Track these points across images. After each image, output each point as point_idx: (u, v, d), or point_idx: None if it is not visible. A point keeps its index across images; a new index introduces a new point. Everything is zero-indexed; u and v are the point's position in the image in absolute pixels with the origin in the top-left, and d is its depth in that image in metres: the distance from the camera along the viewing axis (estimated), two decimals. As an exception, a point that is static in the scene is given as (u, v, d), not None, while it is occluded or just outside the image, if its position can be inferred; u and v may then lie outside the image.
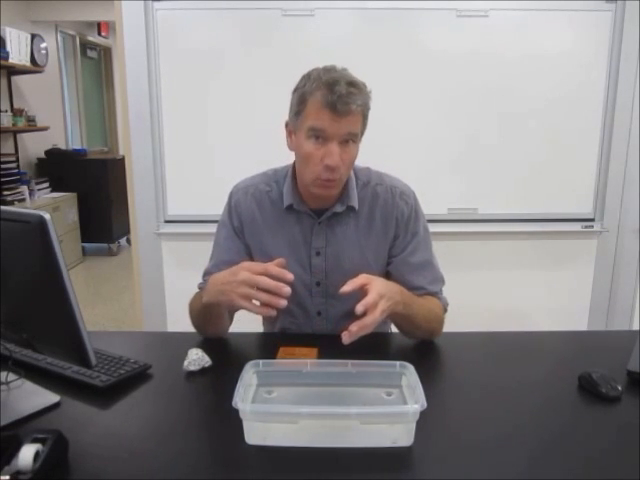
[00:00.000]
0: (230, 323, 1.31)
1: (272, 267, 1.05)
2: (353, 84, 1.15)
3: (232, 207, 1.33)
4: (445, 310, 1.33)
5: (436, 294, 1.32)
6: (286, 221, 1.30)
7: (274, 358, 1.11)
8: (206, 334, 1.29)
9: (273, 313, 1.04)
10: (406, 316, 1.19)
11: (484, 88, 2.32)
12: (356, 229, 1.30)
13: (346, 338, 1.02)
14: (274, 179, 1.33)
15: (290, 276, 1.04)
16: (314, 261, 1.30)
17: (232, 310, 1.27)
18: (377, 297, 1.05)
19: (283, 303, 1.02)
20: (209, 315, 1.22)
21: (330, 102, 1.12)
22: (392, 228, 1.30)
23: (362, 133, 1.22)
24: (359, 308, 1.02)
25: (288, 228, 1.30)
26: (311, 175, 1.19)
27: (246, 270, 1.06)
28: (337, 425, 0.87)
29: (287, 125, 1.25)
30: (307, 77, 1.18)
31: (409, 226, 1.30)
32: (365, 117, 1.20)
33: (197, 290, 1.34)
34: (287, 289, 1.01)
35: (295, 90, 1.20)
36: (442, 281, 1.34)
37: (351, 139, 1.17)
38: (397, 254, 1.31)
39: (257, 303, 1.07)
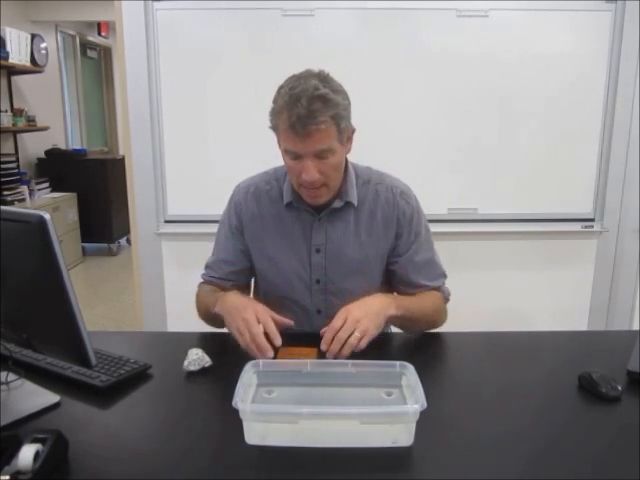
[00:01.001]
0: None
1: (271, 326, 1.10)
2: (316, 98, 1.10)
3: (232, 207, 1.35)
4: (447, 299, 1.37)
5: (438, 288, 1.36)
6: (286, 218, 1.31)
7: (274, 358, 1.11)
8: (211, 326, 1.33)
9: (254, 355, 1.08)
10: (405, 317, 1.22)
11: (484, 88, 2.32)
12: (356, 226, 1.30)
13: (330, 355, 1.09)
14: (274, 177, 1.35)
15: (278, 342, 1.09)
16: (314, 258, 1.30)
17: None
18: (349, 323, 1.10)
19: (256, 359, 1.03)
20: (214, 318, 1.27)
21: (291, 125, 1.11)
22: (393, 227, 1.31)
23: (342, 138, 1.18)
24: (323, 347, 1.09)
25: (288, 225, 1.31)
26: (295, 185, 1.24)
27: (252, 313, 1.11)
28: (337, 425, 0.87)
29: None
30: (279, 90, 1.17)
31: (412, 226, 1.31)
32: (339, 124, 1.14)
33: (201, 281, 1.40)
34: (270, 354, 1.06)
35: (272, 102, 1.18)
36: (444, 276, 1.38)
37: (326, 154, 1.15)
38: (402, 254, 1.32)
39: None
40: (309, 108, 1.09)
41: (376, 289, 1.34)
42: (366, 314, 1.11)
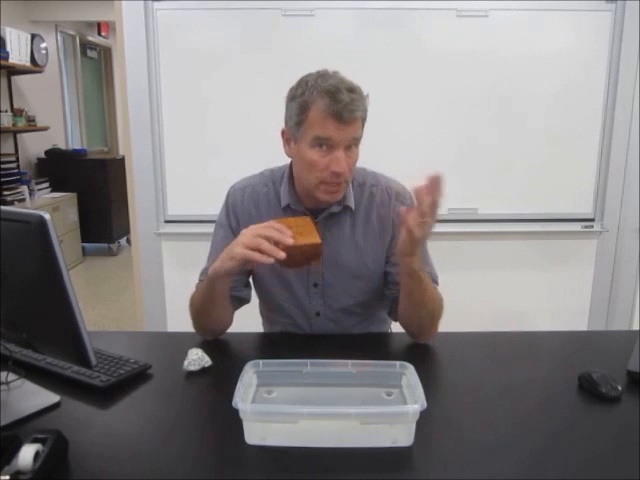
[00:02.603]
0: (231, 319, 1.31)
1: (274, 222, 1.09)
2: (353, 90, 1.16)
3: (229, 207, 1.33)
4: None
5: None
6: None
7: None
8: (207, 326, 1.27)
9: (271, 261, 1.05)
10: (420, 281, 1.19)
11: (484, 88, 2.32)
12: (353, 230, 1.30)
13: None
14: (271, 179, 1.33)
15: (289, 233, 1.08)
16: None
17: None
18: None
19: (282, 255, 1.04)
20: (212, 297, 1.20)
21: (335, 111, 1.12)
22: (389, 230, 1.30)
23: (362, 135, 1.22)
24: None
25: None
26: (315, 181, 1.19)
27: (251, 228, 1.10)
28: (337, 425, 0.87)
29: (284, 133, 1.24)
30: (304, 85, 1.17)
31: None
32: (364, 120, 1.21)
33: (195, 289, 1.33)
34: (290, 240, 1.05)
35: (292, 98, 1.19)
36: (435, 281, 1.33)
37: (354, 144, 1.19)
38: (394, 252, 1.30)
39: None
40: (351, 96, 1.14)
41: (375, 292, 1.33)
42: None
